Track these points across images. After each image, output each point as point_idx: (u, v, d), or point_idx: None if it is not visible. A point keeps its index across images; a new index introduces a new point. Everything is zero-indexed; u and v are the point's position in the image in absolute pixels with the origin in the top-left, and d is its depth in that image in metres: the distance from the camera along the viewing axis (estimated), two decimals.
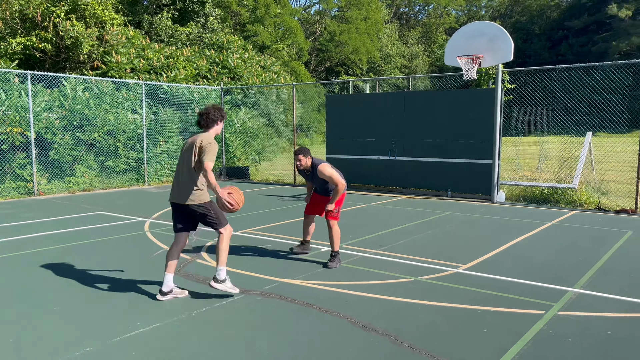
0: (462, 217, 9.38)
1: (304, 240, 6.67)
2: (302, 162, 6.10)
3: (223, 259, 4.78)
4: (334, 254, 6.11)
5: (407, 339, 4.00)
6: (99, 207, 10.45)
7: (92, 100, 13.50)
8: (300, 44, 42.63)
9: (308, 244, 6.68)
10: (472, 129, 11.57)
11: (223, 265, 4.78)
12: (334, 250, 6.11)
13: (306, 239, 6.63)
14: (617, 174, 15.30)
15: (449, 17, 66.50)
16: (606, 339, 3.99)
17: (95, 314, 4.53)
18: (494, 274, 5.74)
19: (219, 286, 4.80)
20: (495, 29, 10.91)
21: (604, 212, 10.00)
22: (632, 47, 51.50)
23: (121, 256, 6.53)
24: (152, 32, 26.18)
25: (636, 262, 6.25)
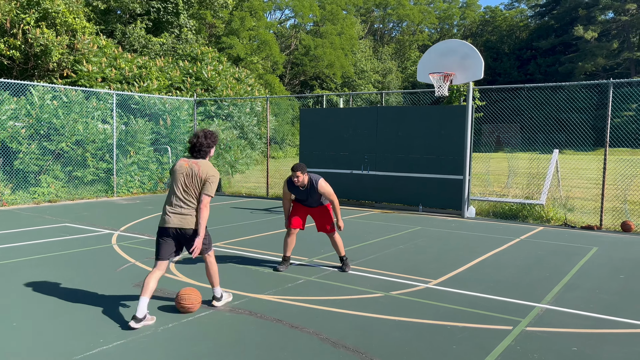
0: (433, 232, 9.45)
1: (286, 257, 6.54)
2: (300, 178, 6.14)
3: (217, 280, 5.02)
4: (345, 258, 6.54)
5: (377, 355, 3.97)
6: (65, 219, 10.17)
7: (60, 109, 13.20)
8: (275, 57, 42.76)
9: (289, 260, 6.59)
10: (443, 145, 11.73)
11: (218, 285, 5.04)
12: (343, 255, 6.52)
13: (288, 254, 6.54)
14: (583, 191, 15.71)
15: (422, 34, 67.83)
16: (572, 355, 4.04)
17: (56, 330, 4.37)
18: (463, 289, 5.77)
19: (221, 303, 5.03)
20: (467, 47, 11.14)
21: (570, 228, 10.23)
22: (597, 68, 53.36)
23: (86, 270, 6.34)
24: (124, 42, 25.87)
25: (601, 278, 6.38)
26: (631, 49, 54.29)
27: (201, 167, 4.68)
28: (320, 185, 6.22)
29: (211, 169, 4.71)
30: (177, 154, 16.37)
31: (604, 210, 10.35)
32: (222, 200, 13.86)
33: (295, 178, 6.14)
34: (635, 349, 4.19)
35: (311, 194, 6.27)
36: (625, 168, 14.37)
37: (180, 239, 4.72)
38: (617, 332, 4.56)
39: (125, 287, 5.62)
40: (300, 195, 6.35)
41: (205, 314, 4.81)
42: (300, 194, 6.32)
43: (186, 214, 4.64)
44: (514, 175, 15.54)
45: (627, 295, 5.64)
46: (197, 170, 4.66)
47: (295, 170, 6.15)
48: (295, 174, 6.13)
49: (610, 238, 9.19)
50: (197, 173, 4.65)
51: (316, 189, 6.21)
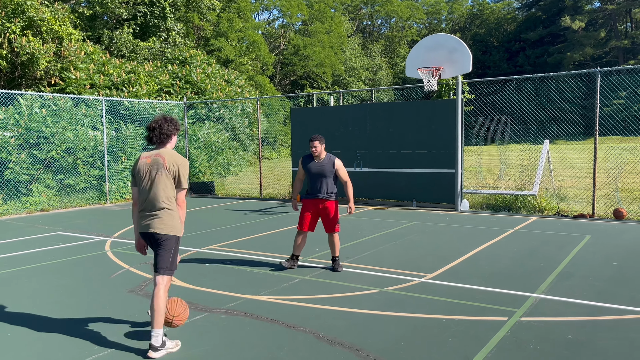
0: (427, 226, 9.47)
1: (295, 255, 6.52)
2: (318, 148, 6.29)
3: (161, 320, 3.99)
4: (338, 258, 6.50)
5: (373, 351, 3.97)
6: (58, 227, 10.11)
7: (49, 117, 13.12)
8: (264, 58, 42.68)
9: (297, 259, 6.56)
10: (434, 139, 11.76)
11: (160, 327, 3.99)
12: (337, 255, 6.48)
13: (297, 253, 6.52)
14: (575, 180, 15.80)
15: (410, 30, 67.90)
16: (567, 343, 4.06)
17: (51, 338, 4.34)
18: (458, 282, 5.79)
19: (160, 353, 3.96)
20: (454, 41, 11.17)
21: (563, 217, 10.28)
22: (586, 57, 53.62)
23: (80, 277, 6.31)
24: (112, 48, 25.74)
25: (594, 266, 6.42)
26: (618, 38, 54.61)
27: (166, 157, 4.11)
28: (338, 161, 6.39)
29: (178, 158, 4.16)
30: None
31: (596, 199, 10.41)
32: (216, 202, 13.84)
33: (313, 148, 6.26)
34: (628, 334, 4.21)
35: (326, 170, 6.29)
36: (615, 156, 14.47)
37: (151, 244, 4.19)
38: (611, 318, 4.59)
39: (120, 293, 5.60)
40: (314, 169, 6.33)
41: (200, 317, 4.80)
42: (315, 167, 6.33)
43: (159, 214, 4.09)
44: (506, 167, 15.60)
45: (620, 282, 5.68)
46: (162, 163, 4.10)
47: (314, 140, 6.27)
48: (313, 144, 6.25)
49: (603, 226, 9.25)
50: (164, 165, 4.09)
51: (333, 162, 6.33)
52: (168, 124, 4.20)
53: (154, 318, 3.97)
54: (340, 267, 6.46)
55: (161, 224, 4.08)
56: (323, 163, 6.34)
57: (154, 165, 4.11)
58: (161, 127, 4.18)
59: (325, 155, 6.38)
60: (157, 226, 4.08)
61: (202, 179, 17.11)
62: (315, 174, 6.36)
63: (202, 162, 17.37)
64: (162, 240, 4.10)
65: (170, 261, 4.12)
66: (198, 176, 17.12)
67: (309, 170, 6.39)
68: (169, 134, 4.21)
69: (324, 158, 6.36)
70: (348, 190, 6.47)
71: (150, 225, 4.09)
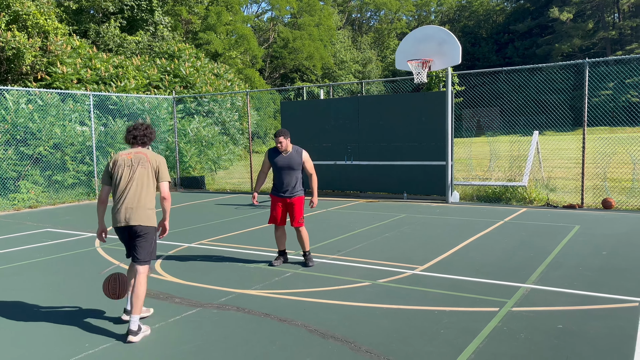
0: (418, 218, 9.50)
1: (281, 251, 6.47)
2: (284, 144, 6.13)
3: (140, 306, 4.22)
4: (309, 253, 6.40)
5: (365, 344, 3.98)
6: (47, 224, 10.01)
7: (36, 112, 12.97)
8: (253, 51, 42.44)
9: (286, 254, 6.53)
10: (425, 132, 11.77)
11: (139, 313, 4.21)
12: (307, 250, 6.39)
13: (282, 248, 6.47)
14: (564, 171, 15.91)
15: (400, 22, 67.84)
16: (557, 333, 4.09)
17: (41, 336, 4.30)
18: (449, 273, 5.81)
19: (138, 337, 4.13)
20: (444, 33, 11.16)
21: (553, 208, 10.35)
22: (574, 49, 53.92)
23: (70, 274, 6.25)
24: (99, 42, 25.46)
25: (584, 255, 6.48)
26: (606, 29, 54.94)
27: (148, 154, 4.42)
28: (305, 154, 6.28)
29: (157, 155, 4.49)
30: (159, 152, 16.20)
31: (584, 189, 10.49)
32: (207, 197, 13.78)
33: (278, 144, 6.12)
34: (617, 323, 4.26)
35: (294, 163, 6.16)
36: (604, 146, 14.59)
37: (130, 236, 4.34)
38: (601, 307, 4.63)
39: None
40: (281, 162, 6.19)
41: (192, 312, 4.78)
42: (282, 160, 6.18)
43: (138, 208, 4.27)
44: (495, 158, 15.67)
45: (609, 271, 5.73)
46: (145, 158, 4.38)
47: (278, 136, 6.10)
48: (278, 139, 6.10)
49: (592, 216, 9.33)
50: (147, 161, 4.37)
51: (301, 154, 6.21)
52: (150, 129, 4.58)
53: (134, 304, 4.18)
54: (312, 261, 6.34)
55: (144, 216, 4.29)
56: (290, 155, 6.19)
57: (136, 160, 4.37)
58: (146, 130, 4.56)
59: (292, 147, 6.23)
60: (139, 219, 4.27)
61: (192, 173, 17.02)
62: (283, 168, 6.20)
63: (192, 156, 17.27)
64: (144, 233, 4.32)
65: (151, 251, 4.38)
66: (188, 171, 17.02)
67: (276, 164, 6.22)
68: (151, 137, 4.59)
69: (290, 151, 6.22)
70: (313, 182, 6.35)
71: (131, 218, 4.26)
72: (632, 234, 7.70)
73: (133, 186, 4.31)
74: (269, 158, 6.30)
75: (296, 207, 6.29)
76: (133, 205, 4.28)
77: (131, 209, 4.27)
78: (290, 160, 6.18)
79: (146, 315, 4.54)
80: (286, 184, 6.22)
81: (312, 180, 6.37)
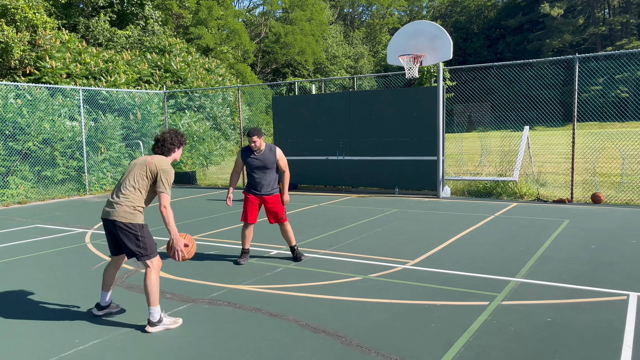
0: (410, 213, 9.53)
1: (245, 249, 6.38)
2: (257, 143, 5.98)
3: (154, 298, 4.19)
4: (296, 247, 6.38)
5: (356, 338, 3.99)
6: (36, 220, 9.94)
7: (25, 107, 12.84)
8: (245, 46, 42.27)
9: (249, 252, 6.45)
10: (416, 127, 11.79)
11: (156, 305, 4.21)
12: (295, 244, 6.37)
13: (247, 247, 6.39)
14: (554, 166, 16.03)
15: (391, 17, 67.82)
16: (546, 326, 4.13)
17: (30, 332, 4.28)
18: (440, 268, 5.85)
19: (157, 328, 4.20)
20: (435, 28, 11.16)
21: (543, 202, 10.43)
22: (565, 44, 54.19)
23: (60, 270, 6.22)
24: (88, 36, 25.22)
25: (573, 249, 6.53)
26: (596, 24, 55.25)
27: (154, 159, 4.28)
28: (279, 152, 6.19)
29: (164, 163, 4.27)
30: (150, 148, 16.12)
31: (574, 184, 10.58)
32: (198, 192, 13.73)
33: (252, 143, 5.97)
34: (605, 316, 4.30)
35: (268, 161, 6.05)
36: (593, 141, 14.70)
37: (109, 231, 4.30)
38: (589, 300, 4.68)
39: (100, 286, 5.52)
40: (255, 163, 6.06)
41: (183, 308, 4.77)
42: (255, 161, 6.06)
43: (115, 202, 4.19)
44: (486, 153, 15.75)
45: (597, 265, 5.79)
46: (148, 162, 4.26)
47: (252, 135, 5.94)
48: (252, 139, 5.95)
49: (581, 210, 9.41)
50: (147, 164, 4.24)
51: (275, 152, 6.11)
52: (172, 136, 4.41)
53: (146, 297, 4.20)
54: (301, 255, 6.35)
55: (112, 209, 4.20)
56: (264, 155, 6.06)
57: (142, 162, 4.29)
58: (164, 140, 4.39)
59: (265, 146, 6.09)
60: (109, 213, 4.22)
61: (183, 169, 16.95)
62: (257, 167, 6.08)
63: (183, 152, 17.21)
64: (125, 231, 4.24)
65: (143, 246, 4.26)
66: (179, 166, 16.96)
67: (250, 164, 6.08)
68: (172, 147, 4.40)
69: (264, 150, 6.08)
70: (285, 179, 6.22)
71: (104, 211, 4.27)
72: (621, 228, 7.78)
73: (121, 182, 4.32)
74: (242, 158, 6.14)
75: (277, 204, 6.23)
76: (111, 199, 4.26)
77: (108, 203, 4.28)
78: (265, 160, 6.07)
79: (172, 326, 4.28)
80: (262, 182, 6.12)
81: (285, 177, 6.23)
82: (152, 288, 4.18)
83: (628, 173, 13.79)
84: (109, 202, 4.26)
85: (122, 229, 4.17)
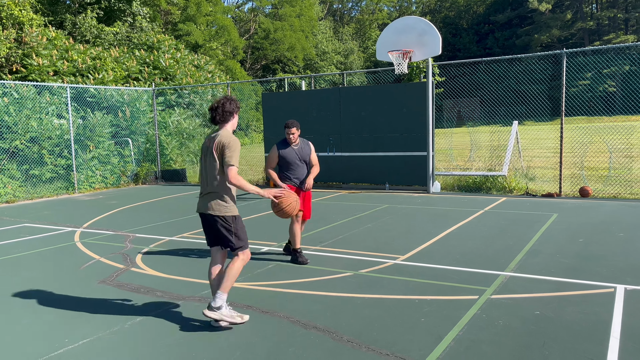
0: (400, 209, 9.57)
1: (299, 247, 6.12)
2: (296, 135, 5.94)
3: (227, 284, 4.20)
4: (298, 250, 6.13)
5: (347, 334, 4.01)
6: (24, 219, 9.85)
7: (11, 105, 12.70)
8: (234, 43, 42.08)
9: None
10: (406, 123, 11.82)
11: (225, 291, 4.20)
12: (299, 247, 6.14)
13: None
14: (543, 160, 16.15)
15: (381, 13, 67.81)
16: (535, 319, 4.18)
17: (20, 332, 4.25)
18: (430, 263, 5.88)
19: (213, 314, 4.14)
20: (424, 24, 11.19)
21: (532, 197, 10.51)
22: (553, 39, 54.51)
23: (48, 269, 6.17)
24: (75, 33, 24.97)
25: (561, 243, 6.60)
26: (584, 19, 55.61)
27: (216, 139, 4.22)
28: (312, 145, 6.18)
29: (225, 137, 4.20)
30: (139, 145, 16.02)
31: (562, 178, 10.67)
32: (188, 189, 13.68)
33: (290, 135, 5.89)
34: (593, 308, 4.35)
35: (304, 155, 6.01)
36: (581, 135, 14.83)
37: (205, 223, 4.36)
38: (577, 293, 4.73)
39: (90, 285, 5.50)
40: (290, 157, 5.95)
41: (174, 306, 4.75)
42: (293, 153, 5.96)
43: (205, 197, 4.28)
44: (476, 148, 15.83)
45: (585, 258, 5.85)
46: (212, 145, 4.21)
47: (291, 127, 5.87)
48: (291, 131, 5.88)
49: (570, 204, 9.49)
50: (213, 148, 4.20)
51: (310, 146, 6.09)
52: (229, 102, 4.35)
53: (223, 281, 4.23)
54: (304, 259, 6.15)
55: (216, 205, 4.23)
56: (301, 147, 6.03)
57: (206, 148, 4.31)
58: (223, 105, 4.31)
59: (299, 140, 6.10)
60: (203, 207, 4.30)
61: (173, 166, 16.87)
62: (293, 161, 6.01)
63: (172, 149, 17.11)
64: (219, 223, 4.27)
65: (235, 238, 4.28)
66: (169, 164, 16.87)
67: (287, 157, 5.96)
68: (231, 111, 4.34)
69: (299, 143, 6.08)
70: (315, 171, 6.14)
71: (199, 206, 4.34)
72: (608, 221, 7.86)
73: (202, 175, 4.36)
74: (279, 151, 5.98)
75: (308, 201, 6.25)
76: (202, 194, 4.35)
77: (200, 198, 4.36)
78: (302, 152, 6.02)
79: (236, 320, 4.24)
80: (298, 176, 6.06)
81: (315, 169, 6.15)
82: (232, 275, 4.23)
83: (615, 167, 13.94)
84: (202, 196, 4.33)
85: (217, 222, 4.26)
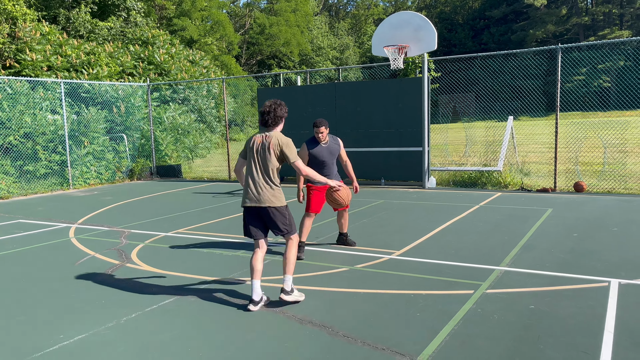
0: (396, 204, 9.58)
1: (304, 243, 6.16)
2: (325, 133, 5.95)
3: (291, 267, 4.62)
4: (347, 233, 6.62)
5: (343, 329, 4.02)
6: (19, 215, 9.81)
7: (5, 101, 12.62)
8: (229, 38, 41.93)
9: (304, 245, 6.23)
10: (401, 118, 11.82)
11: (291, 273, 4.61)
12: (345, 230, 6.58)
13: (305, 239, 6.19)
14: (538, 156, 16.20)
15: (377, 8, 67.69)
16: (530, 313, 4.19)
17: (15, 328, 4.23)
18: (426, 257, 5.89)
19: (290, 297, 4.55)
20: (419, 19, 11.17)
21: (527, 192, 10.55)
22: (548, 35, 54.58)
23: (43, 265, 6.15)
24: (69, 28, 24.81)
25: (556, 238, 6.63)
26: (579, 15, 55.70)
27: (272, 139, 4.57)
28: (341, 141, 6.18)
29: (281, 138, 4.60)
30: (134, 141, 15.96)
31: (557, 173, 10.71)
32: (184, 185, 13.65)
33: (320, 134, 5.90)
34: (587, 302, 4.38)
35: (334, 152, 6.01)
36: (576, 131, 14.87)
37: (257, 216, 4.63)
38: (572, 288, 4.76)
39: (86, 281, 5.49)
40: (321, 155, 5.95)
41: (169, 301, 4.75)
42: (324, 151, 5.96)
43: (261, 190, 4.55)
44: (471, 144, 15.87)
45: (580, 253, 5.88)
46: (270, 142, 4.56)
47: (320, 126, 5.88)
48: (320, 130, 5.89)
49: (564, 199, 9.53)
50: (270, 144, 4.55)
51: (338, 142, 6.08)
52: (280, 108, 4.67)
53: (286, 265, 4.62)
54: (353, 241, 6.56)
55: (273, 198, 4.58)
56: (330, 144, 6.01)
57: (261, 145, 4.60)
58: (275, 111, 4.64)
59: (328, 137, 6.05)
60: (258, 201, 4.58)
61: (168, 162, 16.82)
62: (325, 158, 5.97)
63: (168, 145, 17.05)
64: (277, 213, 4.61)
65: (289, 224, 4.67)
66: (164, 159, 16.82)
67: (318, 155, 5.94)
68: (282, 116, 4.68)
69: (328, 140, 6.04)
70: (350, 169, 6.33)
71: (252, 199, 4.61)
72: (603, 216, 7.90)
73: (254, 169, 4.62)
74: (309, 149, 5.96)
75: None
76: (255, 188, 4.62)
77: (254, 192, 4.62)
78: (331, 149, 6.03)
79: (299, 299, 4.62)
80: (330, 173, 6.07)
81: (349, 166, 6.33)
82: (292, 258, 4.62)
83: (610, 162, 14.00)
84: (254, 191, 4.57)
85: (274, 213, 4.58)
